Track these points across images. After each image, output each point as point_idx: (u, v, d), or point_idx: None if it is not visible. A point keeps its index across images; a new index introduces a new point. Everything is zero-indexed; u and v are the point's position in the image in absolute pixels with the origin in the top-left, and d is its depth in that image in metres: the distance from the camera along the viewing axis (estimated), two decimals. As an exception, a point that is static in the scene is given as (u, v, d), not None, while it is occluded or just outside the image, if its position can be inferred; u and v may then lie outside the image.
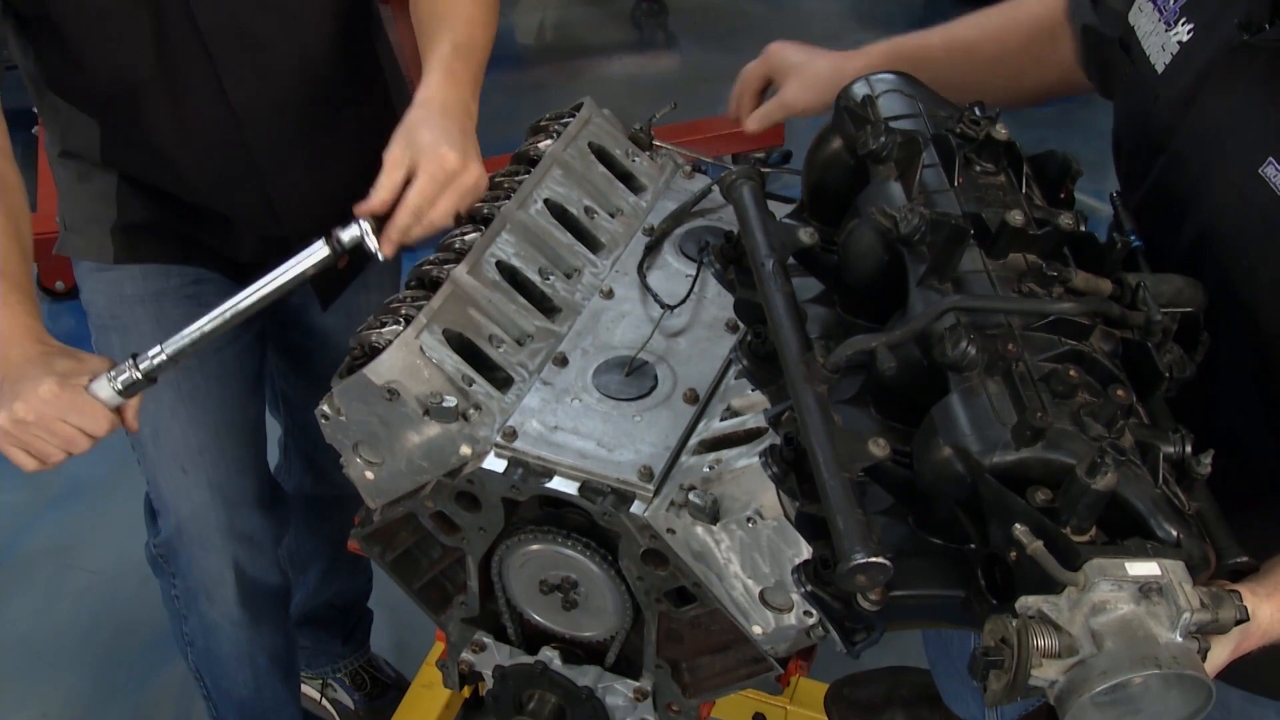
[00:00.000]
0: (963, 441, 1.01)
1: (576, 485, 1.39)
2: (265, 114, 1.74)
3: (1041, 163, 1.35)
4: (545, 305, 1.56)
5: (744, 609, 1.40)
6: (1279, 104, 1.20)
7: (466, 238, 1.54)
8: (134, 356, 1.49)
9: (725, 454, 1.34)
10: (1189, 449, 1.05)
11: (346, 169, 1.87)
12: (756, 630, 1.41)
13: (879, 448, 1.05)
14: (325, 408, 1.45)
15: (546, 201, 1.63)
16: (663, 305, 1.57)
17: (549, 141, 1.68)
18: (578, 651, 1.63)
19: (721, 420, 1.39)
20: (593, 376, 1.49)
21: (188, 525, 1.86)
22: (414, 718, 2.13)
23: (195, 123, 1.72)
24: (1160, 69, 1.33)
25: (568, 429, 1.43)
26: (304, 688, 2.46)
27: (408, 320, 1.43)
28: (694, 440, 1.40)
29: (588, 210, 1.66)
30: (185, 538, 1.87)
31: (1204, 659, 0.94)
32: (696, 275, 1.59)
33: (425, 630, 1.95)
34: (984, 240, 1.18)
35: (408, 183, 1.51)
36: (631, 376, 1.49)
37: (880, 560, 0.97)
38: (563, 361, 1.51)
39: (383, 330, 1.42)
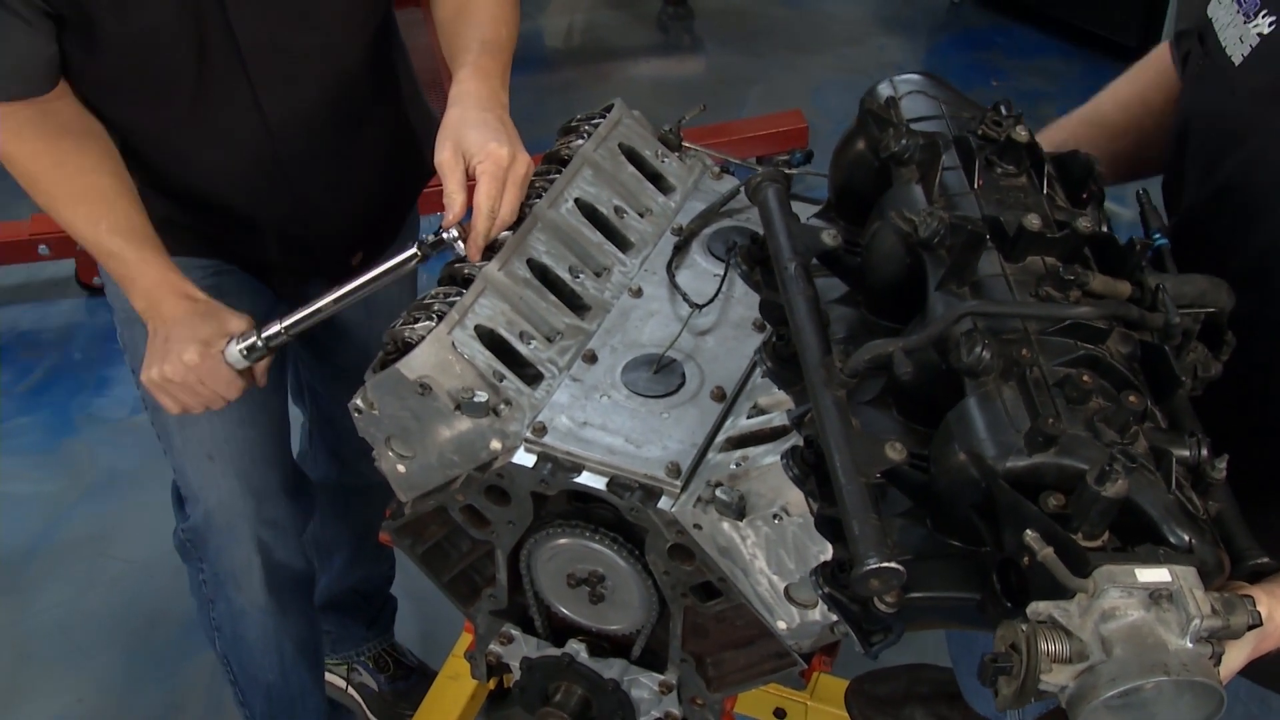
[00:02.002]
0: (977, 446, 1.02)
1: (605, 480, 1.40)
2: (297, 127, 1.77)
3: (1064, 163, 1.34)
4: (575, 303, 1.57)
5: (769, 604, 1.41)
6: None
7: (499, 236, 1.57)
8: (257, 327, 1.67)
9: (752, 451, 1.35)
10: (1204, 453, 1.05)
11: (367, 171, 1.92)
12: (781, 625, 1.42)
13: (896, 452, 1.06)
14: (359, 401, 1.47)
15: (577, 201, 1.64)
16: (691, 304, 1.58)
17: (580, 141, 1.70)
18: (604, 644, 1.64)
19: (748, 418, 1.40)
20: (621, 373, 1.50)
21: (215, 513, 1.88)
22: (440, 709, 2.14)
23: (228, 137, 1.75)
24: (1237, 61, 1.30)
25: (596, 425, 1.45)
26: (329, 674, 2.48)
27: (440, 316, 1.45)
28: (721, 437, 1.41)
29: (617, 210, 1.68)
30: (213, 525, 1.89)
31: (1218, 663, 0.94)
32: (724, 275, 1.60)
33: (451, 622, 1.96)
34: (1003, 243, 1.19)
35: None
36: (659, 374, 1.50)
37: (893, 565, 0.98)
38: (592, 358, 1.53)
39: (415, 326, 1.44)
